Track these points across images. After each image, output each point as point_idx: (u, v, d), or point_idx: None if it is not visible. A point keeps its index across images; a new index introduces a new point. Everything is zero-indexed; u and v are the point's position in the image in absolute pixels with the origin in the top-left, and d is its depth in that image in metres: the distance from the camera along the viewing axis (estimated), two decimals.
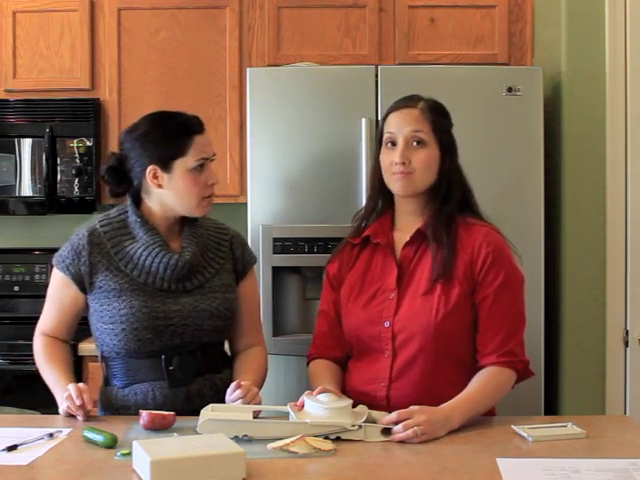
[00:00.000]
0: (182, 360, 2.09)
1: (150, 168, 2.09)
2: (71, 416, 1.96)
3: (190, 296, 2.11)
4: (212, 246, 2.20)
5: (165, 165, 2.08)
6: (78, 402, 1.92)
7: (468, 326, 2.04)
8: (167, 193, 2.10)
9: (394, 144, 2.07)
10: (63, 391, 1.99)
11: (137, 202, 2.15)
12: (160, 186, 2.10)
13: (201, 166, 2.09)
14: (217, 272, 2.17)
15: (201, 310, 2.11)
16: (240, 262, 2.24)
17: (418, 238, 2.08)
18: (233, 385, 1.97)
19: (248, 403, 1.94)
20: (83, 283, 2.11)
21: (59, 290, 2.15)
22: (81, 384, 1.98)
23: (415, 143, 2.05)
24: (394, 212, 2.15)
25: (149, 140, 2.09)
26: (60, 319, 2.16)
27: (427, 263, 2.05)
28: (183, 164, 2.08)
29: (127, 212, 2.15)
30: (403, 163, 2.04)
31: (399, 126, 2.07)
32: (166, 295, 2.10)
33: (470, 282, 2.03)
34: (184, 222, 2.17)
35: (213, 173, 2.13)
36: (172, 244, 2.14)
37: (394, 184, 2.08)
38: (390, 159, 2.06)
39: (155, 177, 2.09)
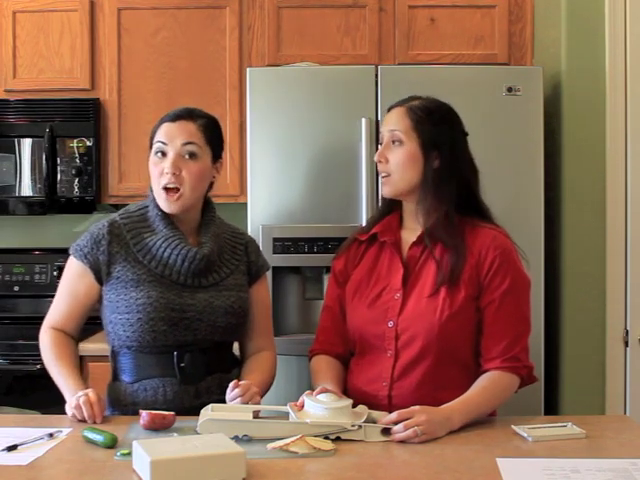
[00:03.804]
0: (193, 357, 2.10)
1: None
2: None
3: (205, 292, 2.13)
4: (228, 248, 2.22)
5: (150, 149, 2.15)
6: (90, 421, 1.92)
7: (472, 329, 2.04)
8: None
9: (381, 144, 2.11)
10: (71, 390, 2.00)
11: None
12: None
13: (161, 153, 2.09)
14: (232, 272, 2.19)
15: (216, 306, 2.12)
16: (254, 265, 2.26)
17: (424, 239, 2.08)
18: (232, 384, 1.97)
19: (247, 402, 1.94)
20: (100, 272, 2.12)
21: (74, 280, 2.15)
22: (91, 394, 1.96)
23: (394, 142, 2.07)
24: (402, 210, 2.16)
25: None
26: (71, 312, 2.16)
27: (433, 264, 2.05)
28: (152, 150, 2.13)
29: (147, 207, 2.17)
30: (380, 162, 2.08)
31: (384, 125, 2.11)
32: (182, 289, 2.11)
33: (476, 286, 2.03)
34: (201, 223, 2.19)
35: (170, 161, 2.07)
36: (190, 241, 2.16)
37: (382, 188, 2.12)
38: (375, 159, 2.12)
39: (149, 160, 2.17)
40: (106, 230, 2.13)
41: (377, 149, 2.15)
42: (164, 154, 2.09)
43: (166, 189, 2.09)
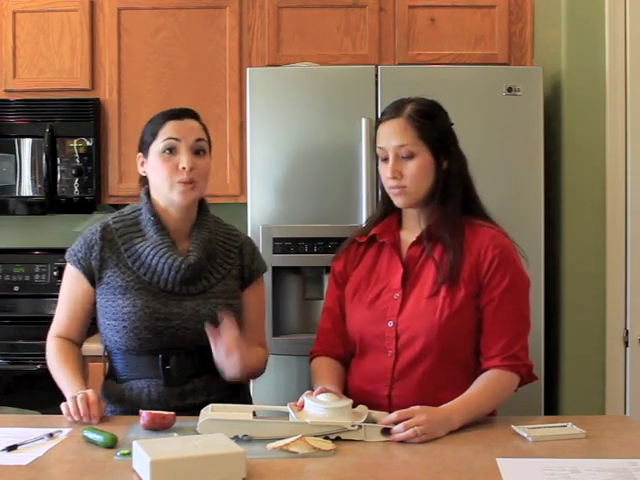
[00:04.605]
0: (179, 360, 2.10)
1: (138, 155, 2.17)
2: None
3: (192, 300, 2.12)
4: (221, 252, 2.20)
5: (145, 151, 2.15)
6: (85, 419, 1.92)
7: (472, 328, 2.03)
8: (150, 179, 2.15)
9: (386, 159, 2.07)
10: (73, 391, 1.99)
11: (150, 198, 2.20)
12: (145, 172, 2.16)
13: (170, 150, 2.09)
14: (223, 278, 2.18)
15: (202, 315, 2.11)
16: (247, 269, 2.24)
17: (424, 238, 2.08)
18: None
19: (231, 347, 1.97)
20: (93, 277, 2.14)
21: (71, 285, 2.16)
22: (91, 394, 1.96)
23: (404, 156, 2.04)
24: (401, 211, 2.16)
25: (142, 131, 2.18)
26: (73, 318, 2.17)
27: (433, 264, 2.05)
28: (155, 148, 2.12)
29: (141, 210, 2.17)
30: (394, 178, 2.04)
31: (387, 140, 2.06)
32: (169, 297, 2.11)
33: (475, 284, 2.03)
34: (194, 225, 2.18)
35: (186, 157, 2.08)
36: (181, 245, 2.15)
37: (393, 199, 2.09)
38: (385, 174, 2.07)
39: (142, 165, 2.17)
40: (99, 235, 2.14)
41: (377, 157, 2.12)
42: (172, 151, 2.10)
43: (181, 182, 2.09)
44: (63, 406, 1.96)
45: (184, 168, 2.08)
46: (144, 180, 2.20)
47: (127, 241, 2.14)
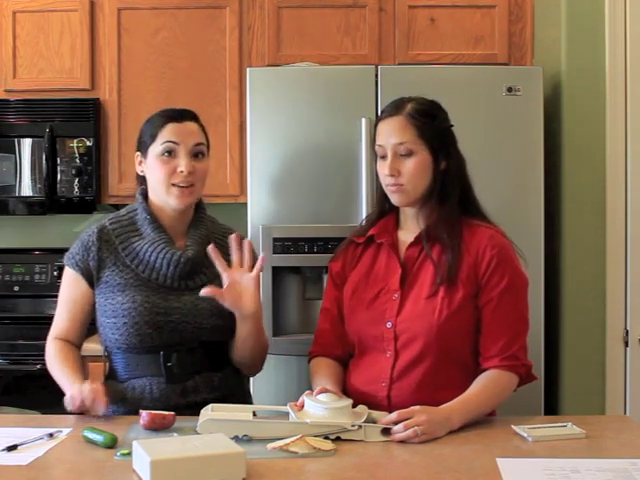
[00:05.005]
0: (180, 357, 2.11)
1: (136, 155, 2.20)
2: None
3: (191, 295, 2.13)
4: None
5: (144, 152, 2.17)
6: (87, 403, 1.92)
7: (471, 328, 2.03)
8: (148, 180, 2.18)
9: (384, 157, 2.06)
10: (73, 387, 1.99)
11: (147, 197, 2.21)
12: (143, 172, 2.19)
13: (169, 153, 2.11)
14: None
15: (201, 309, 2.12)
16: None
17: (422, 239, 2.08)
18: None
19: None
20: (91, 278, 2.15)
21: (70, 287, 2.18)
22: (97, 385, 1.96)
23: (402, 154, 2.04)
24: (399, 211, 2.16)
25: (141, 130, 2.20)
26: (72, 320, 2.18)
27: (431, 264, 2.05)
28: (154, 150, 2.14)
29: (136, 210, 2.19)
30: (392, 175, 2.04)
31: (386, 138, 2.05)
32: (168, 292, 2.12)
33: (474, 285, 2.03)
34: (191, 223, 2.20)
35: (185, 161, 2.11)
36: (178, 242, 2.18)
37: (390, 196, 2.09)
38: (383, 172, 2.07)
39: (140, 164, 2.19)
40: (95, 237, 2.16)
41: (376, 156, 2.12)
42: (171, 154, 2.12)
43: (178, 185, 2.11)
44: (66, 397, 1.96)
45: (182, 172, 2.10)
46: (141, 179, 2.21)
47: (124, 240, 2.15)
